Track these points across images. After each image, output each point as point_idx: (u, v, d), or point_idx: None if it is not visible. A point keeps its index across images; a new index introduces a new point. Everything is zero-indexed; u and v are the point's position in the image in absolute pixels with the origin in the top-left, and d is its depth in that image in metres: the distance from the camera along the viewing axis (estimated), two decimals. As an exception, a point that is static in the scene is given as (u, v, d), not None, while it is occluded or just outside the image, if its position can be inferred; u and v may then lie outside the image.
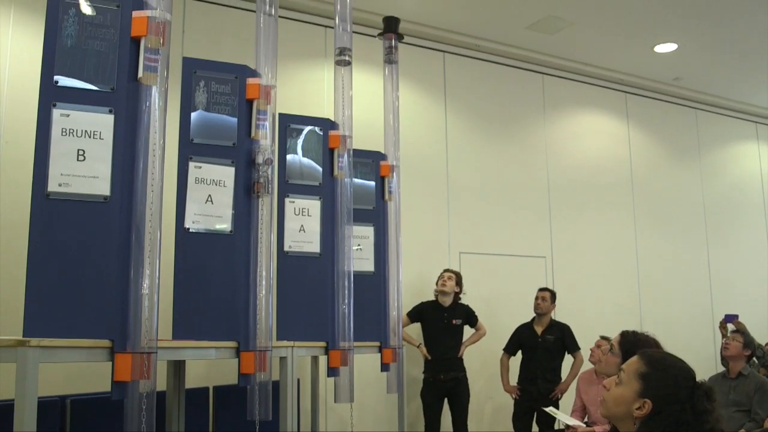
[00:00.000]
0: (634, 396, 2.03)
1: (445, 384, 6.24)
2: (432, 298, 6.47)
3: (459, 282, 6.39)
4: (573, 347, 6.58)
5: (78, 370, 4.80)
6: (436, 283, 6.40)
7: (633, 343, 3.05)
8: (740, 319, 7.10)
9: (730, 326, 7.01)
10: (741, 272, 9.32)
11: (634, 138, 8.80)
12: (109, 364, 2.67)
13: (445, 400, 6.33)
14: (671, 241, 8.81)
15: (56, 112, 2.72)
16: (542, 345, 6.54)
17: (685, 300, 8.73)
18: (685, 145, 9.31)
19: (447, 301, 6.35)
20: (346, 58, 4.39)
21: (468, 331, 6.51)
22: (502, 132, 7.79)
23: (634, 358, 2.11)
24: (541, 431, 6.50)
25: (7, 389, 2.72)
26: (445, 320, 6.32)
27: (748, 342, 5.64)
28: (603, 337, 5.97)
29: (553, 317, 6.79)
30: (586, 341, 6.39)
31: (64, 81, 2.75)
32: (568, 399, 6.48)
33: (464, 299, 6.53)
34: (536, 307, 6.66)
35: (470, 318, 6.49)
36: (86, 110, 2.75)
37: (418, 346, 6.34)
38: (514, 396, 6.60)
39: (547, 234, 7.87)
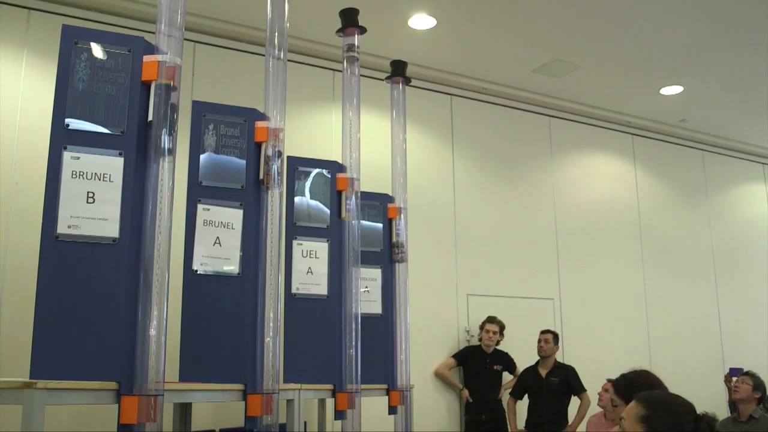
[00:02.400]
0: None
1: (487, 424, 6.55)
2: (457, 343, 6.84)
3: (501, 331, 6.79)
4: (578, 389, 6.55)
5: (84, 411, 4.78)
6: (481, 328, 6.77)
7: (627, 386, 3.02)
8: (749, 366, 7.01)
9: (735, 380, 6.94)
10: (750, 315, 9.24)
11: (641, 180, 8.81)
12: (115, 406, 2.66)
13: None
14: (679, 283, 8.76)
15: (67, 155, 2.73)
16: (547, 387, 6.53)
17: (694, 342, 8.66)
18: (693, 187, 9.32)
19: (490, 348, 6.72)
20: (355, 54, 4.41)
21: (506, 377, 6.88)
22: (509, 174, 7.81)
23: (632, 404, 2.10)
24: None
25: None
26: (487, 365, 6.70)
27: (758, 384, 5.56)
28: (610, 380, 5.90)
29: (558, 359, 6.76)
30: (595, 384, 6.33)
31: (75, 124, 2.77)
32: (577, 443, 6.42)
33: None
34: (539, 350, 6.66)
35: (509, 365, 6.84)
36: (96, 153, 2.76)
37: (461, 390, 6.67)
38: (521, 440, 6.62)
39: (555, 276, 7.84)
